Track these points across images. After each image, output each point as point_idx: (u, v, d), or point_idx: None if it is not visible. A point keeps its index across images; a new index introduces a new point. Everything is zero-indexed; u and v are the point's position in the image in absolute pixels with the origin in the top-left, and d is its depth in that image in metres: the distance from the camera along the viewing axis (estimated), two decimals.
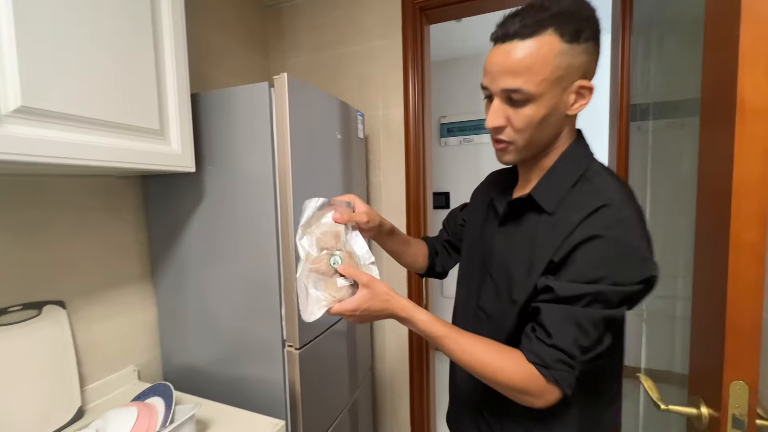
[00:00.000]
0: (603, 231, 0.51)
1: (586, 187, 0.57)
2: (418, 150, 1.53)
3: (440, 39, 2.47)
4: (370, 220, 0.69)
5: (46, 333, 0.88)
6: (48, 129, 0.62)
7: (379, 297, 0.59)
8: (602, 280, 0.51)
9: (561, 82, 0.53)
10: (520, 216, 0.63)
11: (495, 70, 0.55)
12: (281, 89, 0.93)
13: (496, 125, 0.57)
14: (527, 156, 0.61)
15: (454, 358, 0.59)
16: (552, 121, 0.57)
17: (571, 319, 0.52)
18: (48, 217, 0.92)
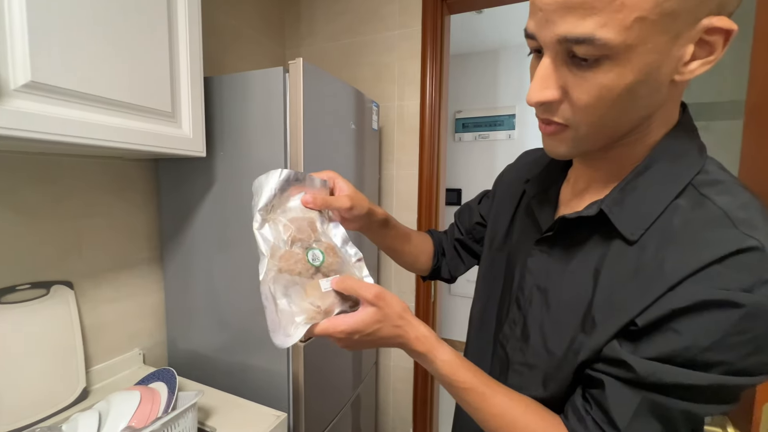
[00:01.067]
0: (739, 294, 0.31)
1: (704, 207, 0.35)
2: (433, 144, 1.49)
3: (458, 32, 2.40)
4: (354, 206, 0.52)
5: (53, 313, 0.88)
6: (57, 106, 0.61)
7: (390, 320, 0.42)
8: (720, 365, 0.32)
9: (672, 21, 0.30)
10: (573, 236, 0.42)
11: (548, 4, 0.32)
12: (296, 75, 0.90)
13: (541, 99, 0.36)
14: (592, 148, 0.39)
15: (478, 419, 0.43)
16: (645, 94, 0.34)
17: (654, 413, 0.35)
18: (58, 197, 0.91)
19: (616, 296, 0.37)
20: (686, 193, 0.36)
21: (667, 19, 0.30)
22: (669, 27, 0.30)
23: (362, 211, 0.54)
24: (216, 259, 1.06)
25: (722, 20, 0.30)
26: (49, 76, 0.59)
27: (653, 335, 0.35)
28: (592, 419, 0.37)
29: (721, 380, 0.32)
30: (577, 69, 0.33)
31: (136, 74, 0.74)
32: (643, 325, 0.35)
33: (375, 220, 0.58)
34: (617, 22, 0.30)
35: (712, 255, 0.32)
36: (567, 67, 0.34)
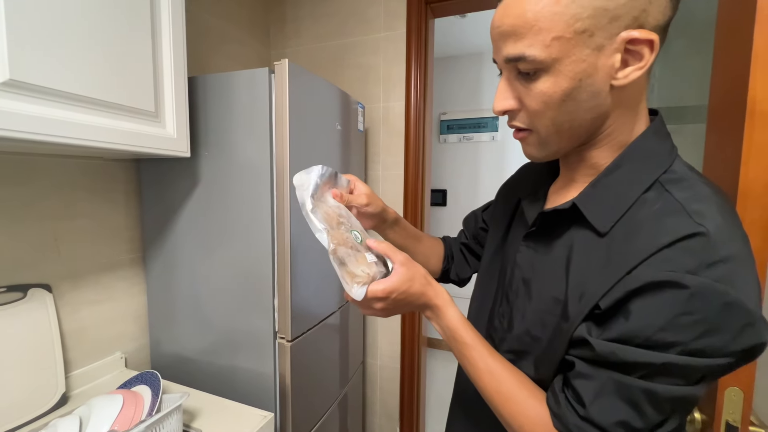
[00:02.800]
0: (684, 275, 0.34)
1: (665, 200, 0.38)
2: (418, 146, 1.51)
3: (443, 35, 2.44)
4: (369, 204, 0.60)
5: (31, 317, 0.85)
6: (36, 104, 0.60)
7: (418, 279, 0.48)
8: (675, 346, 0.34)
9: (589, 37, 0.36)
10: (554, 230, 0.46)
11: (495, 35, 0.41)
12: (282, 75, 0.90)
13: (503, 108, 0.43)
14: (560, 149, 0.44)
15: (474, 377, 0.47)
16: (584, 98, 0.39)
17: (618, 392, 0.37)
18: (35, 198, 0.89)
19: (586, 284, 0.40)
20: (653, 189, 0.40)
21: (582, 36, 0.36)
22: (588, 42, 0.36)
23: (377, 210, 0.62)
24: (200, 260, 1.05)
25: (641, 32, 0.35)
26: (29, 75, 0.58)
27: (614, 317, 0.38)
28: (564, 397, 0.41)
29: (676, 360, 0.34)
30: (524, 81, 0.40)
31: (118, 73, 0.73)
32: (605, 308, 0.38)
33: (387, 219, 0.66)
34: (539, 42, 0.37)
35: (664, 240, 0.36)
36: (518, 81, 0.41)
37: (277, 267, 0.97)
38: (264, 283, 0.98)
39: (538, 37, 0.37)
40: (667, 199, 0.38)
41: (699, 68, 0.65)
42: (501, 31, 0.40)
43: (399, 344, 1.61)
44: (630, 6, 0.35)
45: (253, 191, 0.96)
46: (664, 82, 1.16)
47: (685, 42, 1.02)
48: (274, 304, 0.98)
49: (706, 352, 0.34)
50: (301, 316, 1.03)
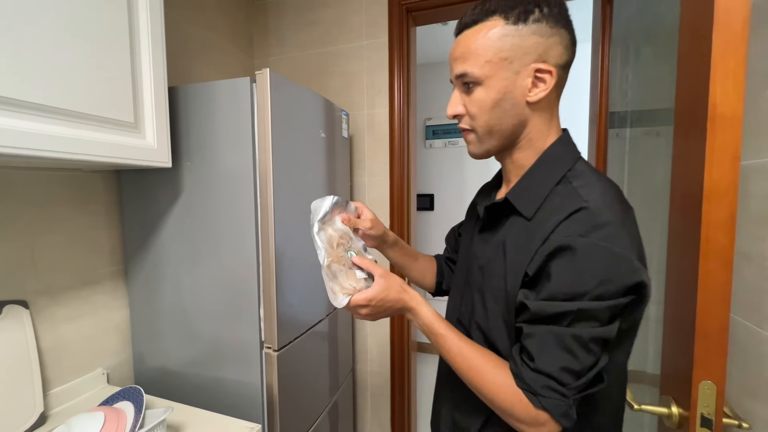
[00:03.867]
0: (577, 239, 0.46)
1: (566, 189, 0.52)
2: (403, 151, 1.53)
3: (427, 42, 2.48)
4: (373, 227, 0.71)
5: (6, 334, 0.83)
6: (9, 118, 0.59)
7: (394, 288, 0.58)
8: (583, 295, 0.45)
9: (509, 64, 0.51)
10: (498, 221, 0.59)
11: (450, 60, 0.57)
12: (263, 85, 0.91)
13: (453, 113, 0.58)
14: (492, 147, 0.58)
15: (449, 360, 0.56)
16: (508, 107, 0.53)
17: (554, 341, 0.47)
18: (10, 211, 0.86)
19: (518, 260, 0.52)
20: (561, 183, 0.54)
21: (504, 62, 0.52)
22: (508, 67, 0.52)
23: (379, 232, 0.73)
24: (184, 271, 1.04)
25: (544, 65, 0.51)
26: (2, 89, 0.57)
27: (539, 281, 0.49)
28: (520, 357, 0.51)
29: (586, 305, 0.46)
30: (467, 93, 0.55)
31: (95, 84, 0.72)
32: (533, 274, 0.50)
33: (387, 240, 0.76)
34: (476, 64, 0.53)
35: (563, 215, 0.49)
36: (464, 93, 0.56)
37: (263, 276, 0.96)
38: (249, 292, 0.97)
39: (476, 60, 0.53)
40: (569, 187, 0.52)
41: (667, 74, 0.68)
42: (454, 57, 0.56)
43: (389, 349, 1.61)
44: (536, 46, 0.51)
45: (237, 200, 0.96)
46: (636, 87, 1.21)
47: (653, 49, 1.07)
48: (260, 313, 0.97)
49: (605, 296, 0.45)
50: (288, 324, 1.02)
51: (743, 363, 0.70)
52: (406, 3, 1.46)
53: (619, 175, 1.32)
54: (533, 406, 0.48)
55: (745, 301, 0.69)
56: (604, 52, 1.33)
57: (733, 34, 0.52)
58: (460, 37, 0.55)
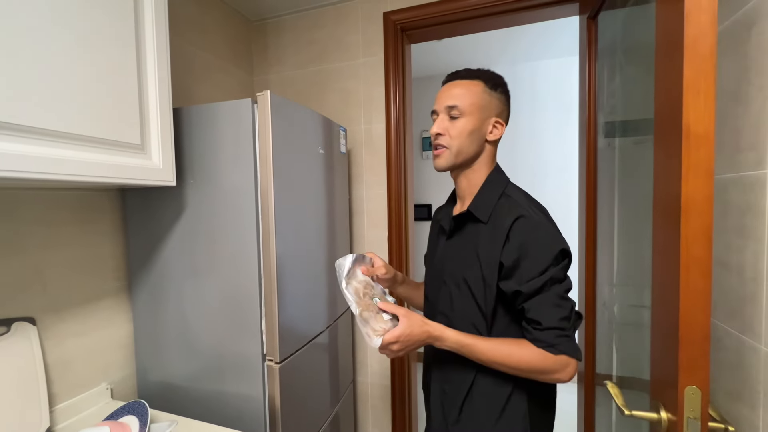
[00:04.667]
0: (528, 236, 0.70)
1: (508, 201, 0.76)
2: (400, 164, 1.57)
3: (423, 56, 2.54)
4: (387, 272, 0.86)
5: (14, 351, 0.85)
6: (22, 144, 0.62)
7: (416, 323, 0.70)
8: (548, 268, 0.68)
9: (483, 110, 0.77)
10: (462, 228, 0.80)
11: (441, 97, 0.79)
12: (264, 106, 0.95)
13: (439, 131, 0.77)
14: (457, 163, 0.78)
15: (482, 359, 0.71)
16: (476, 138, 0.77)
17: (548, 304, 0.68)
18: (18, 230, 0.89)
19: (488, 252, 0.72)
20: (503, 197, 0.77)
21: (481, 108, 0.77)
22: (482, 112, 0.77)
23: (390, 275, 0.88)
24: (186, 287, 1.06)
25: (499, 119, 0.79)
26: (14, 115, 0.60)
27: (517, 270, 0.70)
28: (532, 328, 0.69)
29: (552, 272, 0.68)
30: (451, 120, 0.77)
31: (103, 109, 0.76)
32: (508, 265, 0.70)
33: (397, 280, 0.92)
34: (465, 102, 0.76)
35: (511, 220, 0.71)
36: (448, 120, 0.78)
37: (264, 289, 0.99)
38: (251, 306, 1.00)
39: (465, 100, 0.76)
40: (509, 200, 0.76)
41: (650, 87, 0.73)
42: (448, 94, 0.78)
43: (389, 361, 1.62)
44: (497, 106, 0.79)
45: (239, 217, 0.99)
46: (622, 98, 1.25)
47: (636, 65, 1.12)
48: (262, 326, 0.99)
49: (557, 262, 0.70)
50: (290, 336, 1.04)
51: (728, 367, 0.72)
52: (400, 23, 1.51)
53: (610, 183, 1.36)
54: (555, 354, 0.66)
55: (728, 308, 0.72)
56: (591, 66, 1.38)
57: (702, 59, 0.56)
58: (455, 82, 0.78)
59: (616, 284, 1.27)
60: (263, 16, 1.72)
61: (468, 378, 0.76)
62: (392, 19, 1.52)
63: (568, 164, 2.61)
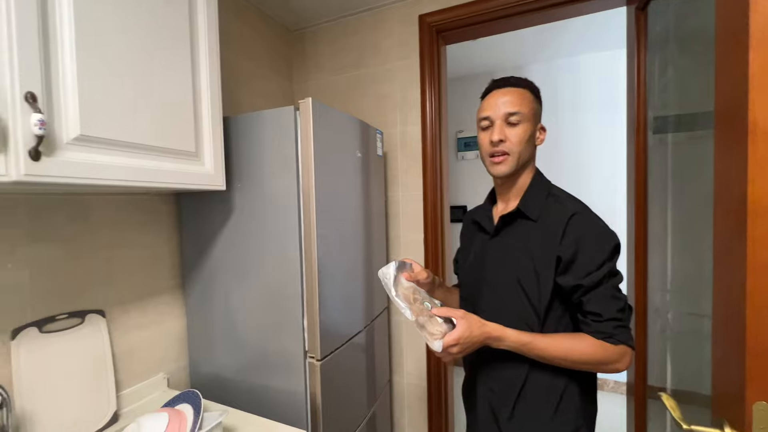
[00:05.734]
0: (587, 231, 0.73)
1: (556, 200, 0.79)
2: (435, 165, 1.56)
3: (458, 56, 2.52)
4: (427, 276, 0.87)
5: (88, 340, 0.94)
6: (102, 154, 0.69)
7: (475, 324, 0.71)
8: (605, 262, 0.71)
9: (535, 117, 0.80)
10: (509, 227, 0.82)
11: (497, 104, 0.80)
12: (306, 112, 0.99)
13: (499, 138, 0.78)
14: (516, 168, 0.80)
15: (543, 355, 0.73)
16: (531, 143, 0.80)
17: (606, 297, 0.71)
18: (89, 231, 0.99)
19: (542, 252, 0.75)
20: (548, 198, 0.80)
21: (534, 116, 0.80)
22: (534, 119, 0.80)
23: (430, 279, 0.88)
24: (233, 285, 1.12)
25: (542, 125, 0.82)
26: (96, 129, 0.68)
27: (576, 264, 0.72)
28: (591, 320, 0.72)
29: (610, 266, 0.72)
30: (511, 127, 0.79)
31: (166, 122, 0.83)
32: (566, 260, 0.72)
33: (435, 283, 0.93)
34: (524, 109, 0.78)
35: (565, 219, 0.74)
36: (506, 127, 0.79)
37: (306, 289, 1.03)
38: (293, 304, 1.04)
39: (523, 107, 0.79)
40: (557, 200, 0.79)
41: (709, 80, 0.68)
42: (504, 101, 0.79)
43: (425, 364, 1.62)
44: (539, 115, 0.82)
45: (282, 218, 1.04)
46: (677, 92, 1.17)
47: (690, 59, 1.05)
48: (304, 324, 1.03)
49: (612, 257, 0.72)
50: (329, 335, 1.08)
51: None
52: (436, 24, 1.51)
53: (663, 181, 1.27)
54: (615, 345, 0.70)
55: None
56: (640, 59, 1.30)
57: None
58: (506, 90, 0.80)
59: (670, 290, 1.19)
60: (302, 25, 1.79)
61: (520, 375, 0.78)
62: (428, 22, 1.53)
63: (614, 162, 2.47)
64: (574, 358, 0.71)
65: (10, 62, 0.57)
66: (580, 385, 0.77)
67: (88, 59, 0.68)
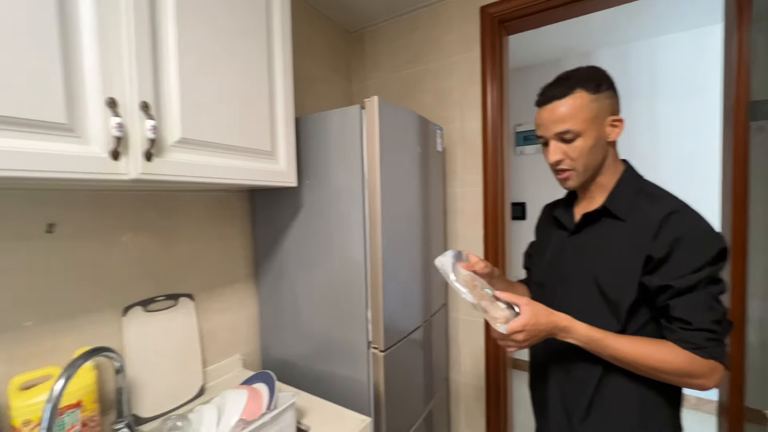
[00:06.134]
0: (686, 230, 0.65)
1: (649, 197, 0.72)
2: (497, 161, 1.52)
3: (518, 46, 2.41)
4: (485, 266, 0.85)
5: (180, 320, 1.07)
6: (197, 155, 0.78)
7: (541, 312, 0.68)
8: (705, 265, 0.63)
9: (597, 120, 0.72)
10: (593, 225, 0.77)
11: (546, 123, 0.75)
12: (371, 110, 1.02)
13: (557, 159, 0.75)
14: (586, 178, 0.76)
15: (616, 356, 0.67)
16: (599, 148, 0.74)
17: (700, 304, 0.63)
18: (179, 224, 1.11)
19: (629, 252, 0.69)
20: (640, 193, 0.73)
21: (594, 119, 0.72)
22: (597, 121, 0.72)
23: (489, 270, 0.85)
24: (301, 275, 1.19)
25: (615, 116, 0.73)
26: (194, 133, 0.76)
27: (667, 265, 0.65)
28: (678, 327, 0.65)
29: (708, 270, 0.63)
30: (567, 144, 0.74)
31: (248, 124, 0.91)
32: (657, 259, 0.65)
33: (494, 275, 0.89)
34: (576, 123, 0.71)
35: (662, 214, 0.67)
36: (562, 143, 0.74)
37: (370, 281, 1.06)
38: (358, 296, 1.08)
39: (575, 120, 0.71)
40: (649, 197, 0.72)
41: None
42: (552, 120, 0.74)
43: (483, 363, 1.58)
44: (610, 105, 0.73)
45: (348, 214, 1.08)
46: None
47: None
48: (368, 315, 1.07)
49: (716, 261, 0.64)
50: (392, 328, 1.10)
51: None
52: (498, 15, 1.47)
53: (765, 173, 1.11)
54: (704, 358, 0.62)
55: None
56: (742, 36, 1.15)
57: None
58: (552, 106, 0.74)
59: None
60: (361, 26, 1.83)
61: (593, 377, 0.73)
62: (489, 12, 1.48)
63: (697, 154, 2.21)
64: (652, 365, 0.65)
65: (129, 78, 0.67)
66: (666, 397, 0.71)
67: (187, 70, 0.76)
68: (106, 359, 0.86)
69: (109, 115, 0.63)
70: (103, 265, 0.93)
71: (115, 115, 0.63)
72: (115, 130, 0.63)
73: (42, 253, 0.82)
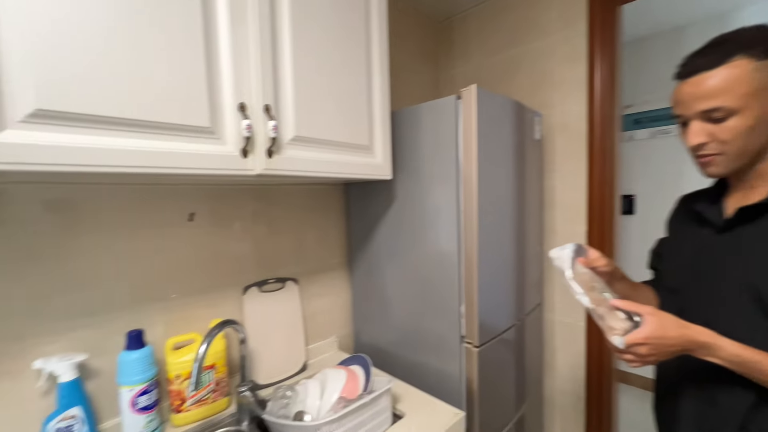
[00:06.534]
0: None
1: None
2: (604, 148, 1.36)
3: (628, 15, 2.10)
4: (606, 264, 0.76)
5: (287, 301, 1.18)
6: (308, 151, 0.85)
7: (670, 325, 0.59)
8: None
9: (761, 93, 0.58)
10: (752, 222, 0.63)
11: (688, 99, 0.62)
12: (469, 100, 0.98)
13: (698, 142, 0.63)
14: (739, 165, 0.63)
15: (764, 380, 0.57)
16: (762, 128, 0.60)
17: None
18: (287, 214, 1.22)
19: None
20: None
21: (759, 92, 0.57)
22: (759, 98, 0.57)
23: (610, 268, 0.76)
24: (392, 266, 1.22)
25: None
26: (305, 131, 0.83)
27: None
28: None
29: None
30: (714, 123, 0.61)
31: (350, 120, 0.96)
32: None
33: (616, 275, 0.79)
34: (731, 98, 0.58)
35: None
36: (708, 123, 0.61)
37: (464, 275, 1.04)
38: (451, 289, 1.06)
39: (730, 95, 0.58)
40: None
41: None
42: (695, 96, 0.61)
43: (583, 372, 1.45)
44: None
45: (442, 206, 1.07)
46: None
47: None
48: (461, 310, 1.05)
49: None
50: (485, 324, 1.07)
51: None
52: None
53: None
54: None
55: None
56: None
57: None
58: (697, 79, 0.61)
59: None
60: (449, 14, 1.78)
61: (742, 403, 0.61)
62: None
63: None
64: None
65: (255, 84, 0.75)
66: None
67: (299, 72, 0.83)
68: (232, 330, 0.99)
69: (240, 118, 0.72)
70: (226, 249, 1.07)
71: (245, 118, 0.72)
72: (245, 131, 0.71)
73: (184, 237, 0.98)
